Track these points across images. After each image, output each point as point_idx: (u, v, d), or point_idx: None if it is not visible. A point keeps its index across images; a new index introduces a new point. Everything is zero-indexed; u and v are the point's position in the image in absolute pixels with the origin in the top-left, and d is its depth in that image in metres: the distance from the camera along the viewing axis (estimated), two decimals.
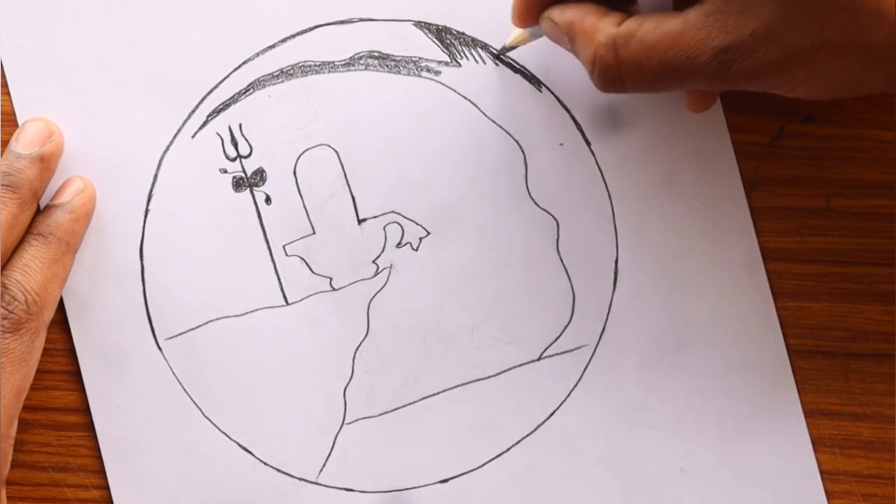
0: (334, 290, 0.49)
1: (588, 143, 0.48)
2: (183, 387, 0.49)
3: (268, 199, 0.49)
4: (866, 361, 0.48)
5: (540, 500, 0.48)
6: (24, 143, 0.48)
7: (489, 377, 0.49)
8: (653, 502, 0.48)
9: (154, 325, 0.49)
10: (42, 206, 0.48)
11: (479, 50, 0.49)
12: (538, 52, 0.48)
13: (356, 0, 0.49)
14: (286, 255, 0.49)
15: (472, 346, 0.49)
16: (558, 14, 0.43)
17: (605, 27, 0.41)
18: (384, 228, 0.49)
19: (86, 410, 0.49)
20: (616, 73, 0.41)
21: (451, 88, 0.49)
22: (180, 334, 0.49)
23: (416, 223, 0.49)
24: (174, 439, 0.49)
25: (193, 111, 0.49)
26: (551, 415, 0.48)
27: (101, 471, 0.49)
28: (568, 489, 0.48)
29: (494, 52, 0.48)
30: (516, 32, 0.46)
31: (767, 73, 0.39)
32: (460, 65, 0.49)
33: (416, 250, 0.49)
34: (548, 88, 0.49)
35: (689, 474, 0.48)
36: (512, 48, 0.48)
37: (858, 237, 0.47)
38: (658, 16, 0.41)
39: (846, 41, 0.38)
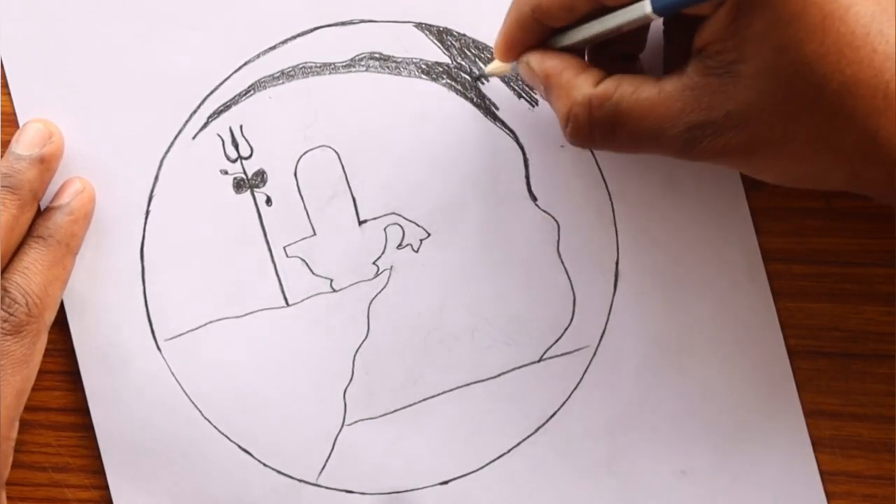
0: (335, 291, 0.49)
1: None
2: (182, 388, 0.49)
3: (268, 201, 0.49)
4: (866, 362, 0.48)
5: (540, 501, 0.48)
6: (24, 145, 0.48)
7: (489, 378, 0.49)
8: None
9: (154, 325, 0.49)
10: (42, 207, 0.48)
11: (480, 51, 0.49)
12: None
13: (357, 2, 0.49)
14: (287, 256, 0.49)
15: (472, 348, 0.49)
16: (537, 62, 0.43)
17: (581, 85, 0.42)
18: (385, 230, 0.49)
19: (86, 411, 0.49)
20: (588, 132, 0.42)
21: (451, 90, 0.49)
22: (180, 335, 0.49)
23: (417, 224, 0.49)
24: (174, 440, 0.48)
25: (194, 112, 0.49)
26: (552, 416, 0.48)
27: (101, 471, 0.49)
28: (568, 491, 0.48)
29: (473, 76, 0.48)
30: (496, 63, 0.46)
31: (734, 155, 0.40)
32: (461, 66, 0.49)
33: (417, 252, 0.49)
34: None
35: (689, 476, 0.48)
36: (490, 76, 0.48)
37: (858, 237, 0.47)
38: (635, 80, 0.41)
39: (816, 140, 0.38)
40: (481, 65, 0.48)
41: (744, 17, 0.37)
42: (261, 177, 0.49)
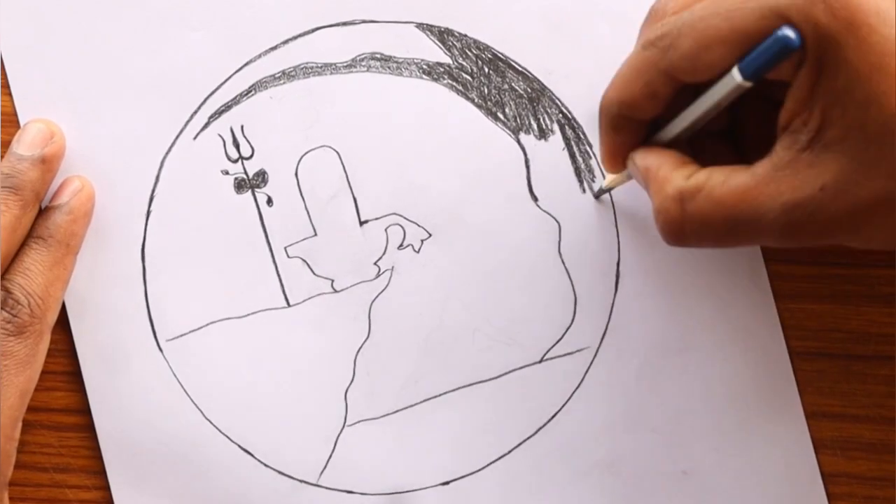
0: (336, 291, 0.49)
1: (589, 146, 0.48)
2: (184, 388, 0.49)
3: (269, 201, 0.49)
4: (868, 363, 0.48)
5: (541, 502, 0.48)
6: (25, 145, 0.48)
7: (490, 379, 0.49)
8: None
9: (155, 326, 0.49)
10: (41, 207, 0.48)
11: (480, 52, 0.49)
12: (539, 55, 0.48)
13: (358, 2, 0.49)
14: (288, 256, 0.49)
15: (473, 348, 0.49)
16: (640, 159, 0.42)
17: (675, 179, 0.40)
18: (386, 230, 0.49)
19: (87, 411, 0.49)
20: (679, 227, 0.40)
21: (453, 90, 0.49)
22: (181, 336, 0.49)
23: (418, 225, 0.49)
24: (175, 441, 0.48)
25: (195, 112, 0.49)
26: (553, 417, 0.48)
27: (102, 472, 0.49)
28: (569, 491, 0.48)
29: (594, 193, 0.48)
30: (610, 176, 0.46)
31: (839, 229, 0.38)
32: (462, 66, 0.49)
33: (418, 252, 0.49)
34: (549, 91, 0.49)
35: (690, 477, 0.48)
36: (609, 189, 0.48)
37: None
38: (727, 169, 0.39)
39: None
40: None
41: (824, 78, 0.36)
42: (262, 177, 0.49)
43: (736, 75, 0.37)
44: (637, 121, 0.42)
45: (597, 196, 0.48)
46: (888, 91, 0.35)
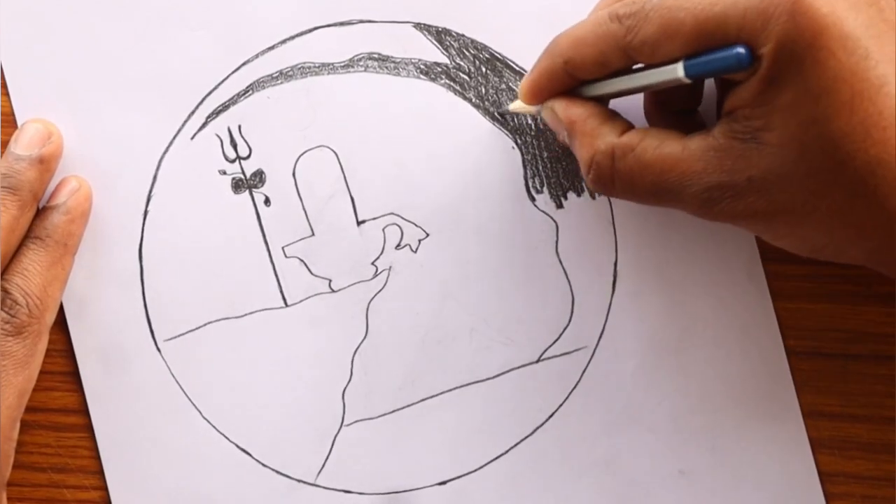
0: (333, 291, 0.49)
1: None
2: (182, 388, 0.49)
3: (267, 201, 0.49)
4: (865, 363, 0.48)
5: (538, 501, 0.48)
6: (23, 145, 0.48)
7: (488, 379, 0.49)
8: None
9: (153, 326, 0.49)
10: (40, 207, 0.48)
11: (479, 52, 0.49)
12: (536, 55, 0.48)
13: (356, 2, 0.49)
14: (285, 256, 0.49)
15: (470, 348, 0.49)
16: (562, 109, 0.43)
17: (606, 134, 0.42)
18: (383, 230, 0.49)
19: (85, 412, 0.49)
20: (609, 181, 0.42)
21: (450, 90, 0.49)
22: (179, 336, 0.49)
23: (416, 225, 0.49)
24: (173, 441, 0.49)
25: (193, 112, 0.49)
26: (550, 417, 0.48)
27: (100, 472, 0.49)
28: (566, 491, 0.48)
29: (497, 110, 0.48)
30: (520, 103, 0.46)
31: (752, 219, 0.40)
32: (459, 66, 0.49)
33: (416, 252, 0.49)
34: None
35: (687, 476, 0.48)
36: (513, 113, 0.48)
37: None
38: (660, 134, 0.41)
39: (837, 215, 0.38)
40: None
41: (775, 87, 0.37)
42: (259, 177, 0.49)
43: (679, 70, 0.38)
44: (574, 78, 0.43)
45: (499, 113, 0.48)
46: (832, 116, 0.36)
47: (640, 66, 0.41)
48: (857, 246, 0.39)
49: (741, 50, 0.37)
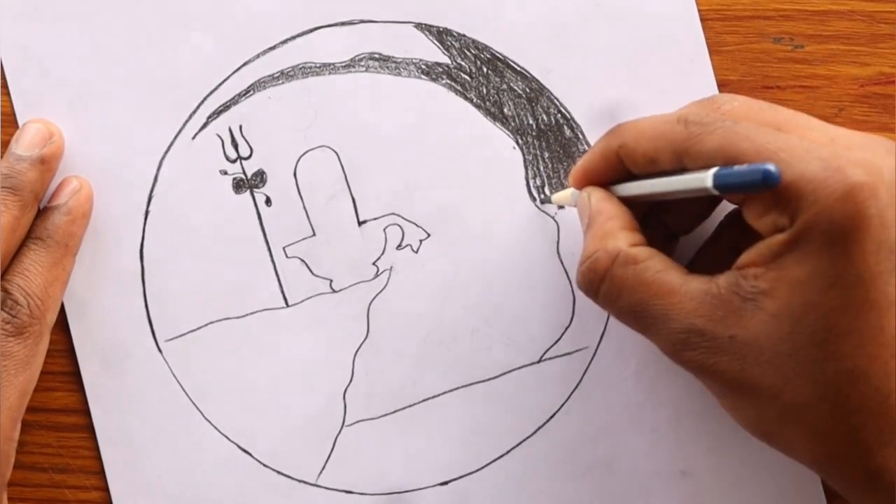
0: (334, 291, 0.49)
1: (588, 145, 0.48)
2: (183, 388, 0.49)
3: (268, 201, 0.49)
4: None
5: (540, 502, 0.48)
6: (24, 145, 0.48)
7: (489, 379, 0.49)
8: None
9: (154, 326, 0.49)
10: (41, 208, 0.48)
11: (479, 52, 0.49)
12: (537, 55, 0.48)
13: (357, 2, 0.49)
14: (286, 256, 0.49)
15: (472, 348, 0.49)
16: (596, 199, 0.43)
17: (619, 238, 0.41)
18: (384, 230, 0.49)
19: (86, 412, 0.49)
20: (599, 280, 0.41)
21: (451, 90, 0.49)
22: (180, 336, 0.49)
23: (417, 225, 0.49)
24: (174, 441, 0.49)
25: (194, 112, 0.49)
26: (551, 417, 0.48)
27: (101, 472, 0.49)
28: (568, 491, 0.48)
29: (541, 198, 0.48)
30: (564, 192, 0.46)
31: (716, 380, 0.39)
32: (460, 66, 0.49)
33: (417, 252, 0.49)
34: (548, 90, 0.49)
35: (689, 477, 0.48)
36: (556, 203, 0.48)
37: None
38: (668, 261, 0.40)
39: (798, 408, 0.37)
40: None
41: (794, 256, 0.36)
42: (260, 177, 0.49)
43: (708, 180, 0.37)
44: (622, 169, 0.43)
45: (542, 202, 0.48)
46: (837, 310, 0.36)
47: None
48: (808, 449, 0.38)
49: (771, 167, 0.35)
